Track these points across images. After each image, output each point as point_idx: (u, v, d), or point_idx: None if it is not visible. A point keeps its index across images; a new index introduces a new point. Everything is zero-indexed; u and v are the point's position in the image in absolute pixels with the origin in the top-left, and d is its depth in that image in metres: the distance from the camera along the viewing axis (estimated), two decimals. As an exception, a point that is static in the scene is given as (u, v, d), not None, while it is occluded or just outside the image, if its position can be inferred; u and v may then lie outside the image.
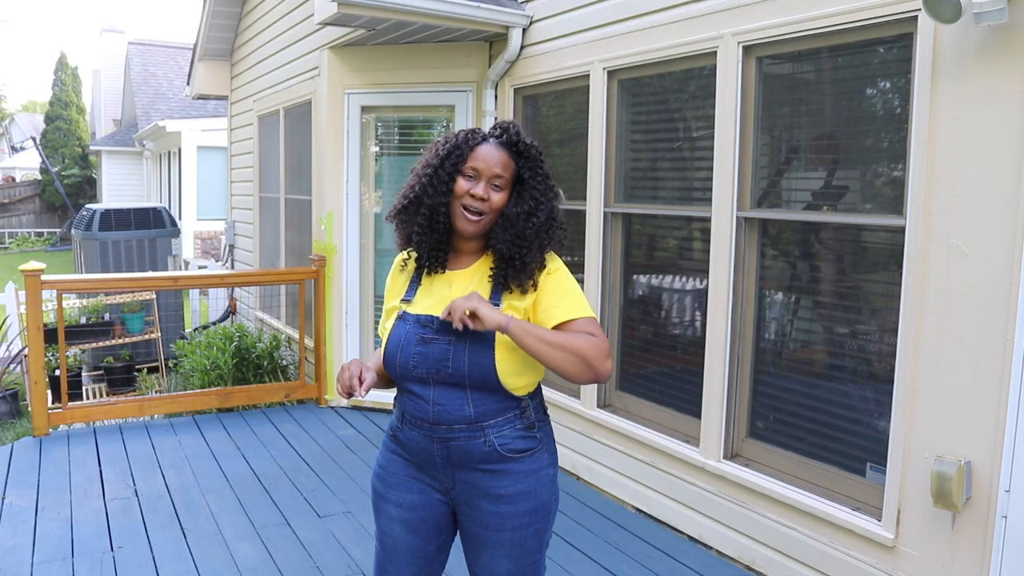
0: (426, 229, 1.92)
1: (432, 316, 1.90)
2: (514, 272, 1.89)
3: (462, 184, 1.89)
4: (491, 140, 1.93)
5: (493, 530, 1.94)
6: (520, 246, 1.88)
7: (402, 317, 1.95)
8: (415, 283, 2.00)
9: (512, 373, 1.88)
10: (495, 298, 1.91)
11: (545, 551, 2.03)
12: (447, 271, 1.98)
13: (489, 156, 1.90)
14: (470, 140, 1.92)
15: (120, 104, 23.87)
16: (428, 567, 2.03)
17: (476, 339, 1.86)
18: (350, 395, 1.86)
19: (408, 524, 1.99)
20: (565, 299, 1.89)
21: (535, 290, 1.91)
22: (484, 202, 1.88)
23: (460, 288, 1.94)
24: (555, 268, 1.94)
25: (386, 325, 2.00)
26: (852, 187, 3.15)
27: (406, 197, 1.95)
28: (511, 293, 1.91)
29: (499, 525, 1.93)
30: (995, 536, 2.55)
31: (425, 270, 1.99)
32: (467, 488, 1.94)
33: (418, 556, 2.01)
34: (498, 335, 1.85)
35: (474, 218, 1.90)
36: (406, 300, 1.98)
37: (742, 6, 3.36)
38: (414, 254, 2.01)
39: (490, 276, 1.94)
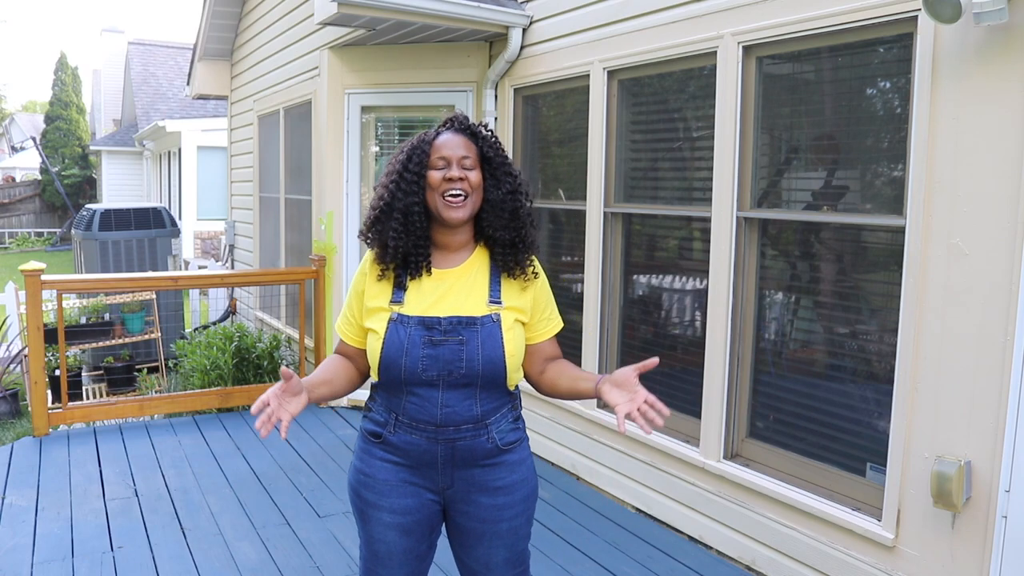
0: (402, 232, 1.90)
1: (437, 317, 1.88)
2: (517, 256, 1.96)
3: (434, 176, 1.90)
4: (446, 130, 1.97)
5: (491, 523, 1.97)
6: (518, 228, 1.95)
7: (397, 319, 1.90)
8: (400, 287, 1.93)
9: (515, 368, 1.94)
10: (495, 294, 1.94)
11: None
12: (434, 270, 1.95)
13: (451, 141, 1.92)
14: (426, 137, 1.95)
15: (120, 104, 23.86)
16: (420, 565, 2.04)
17: (488, 338, 1.88)
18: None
19: (403, 528, 1.96)
20: (551, 305, 2.07)
21: (534, 280, 2.00)
22: (463, 181, 1.89)
23: (458, 286, 1.93)
24: (538, 266, 2.04)
25: (370, 325, 1.93)
26: (852, 187, 3.15)
27: (375, 208, 1.95)
28: (512, 288, 1.96)
29: (496, 517, 1.97)
30: (995, 536, 2.55)
31: (408, 276, 1.93)
32: (464, 485, 1.95)
33: (411, 557, 2.00)
34: (505, 332, 1.90)
35: (458, 201, 1.89)
36: (396, 302, 1.92)
37: (742, 6, 3.36)
38: (391, 265, 1.94)
39: (489, 271, 1.96)
